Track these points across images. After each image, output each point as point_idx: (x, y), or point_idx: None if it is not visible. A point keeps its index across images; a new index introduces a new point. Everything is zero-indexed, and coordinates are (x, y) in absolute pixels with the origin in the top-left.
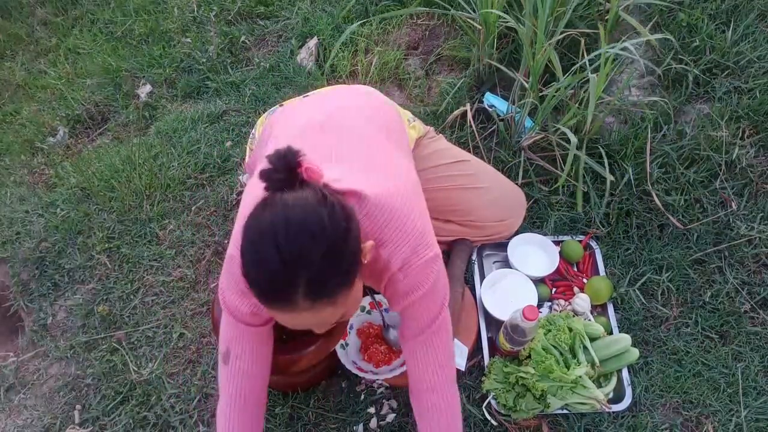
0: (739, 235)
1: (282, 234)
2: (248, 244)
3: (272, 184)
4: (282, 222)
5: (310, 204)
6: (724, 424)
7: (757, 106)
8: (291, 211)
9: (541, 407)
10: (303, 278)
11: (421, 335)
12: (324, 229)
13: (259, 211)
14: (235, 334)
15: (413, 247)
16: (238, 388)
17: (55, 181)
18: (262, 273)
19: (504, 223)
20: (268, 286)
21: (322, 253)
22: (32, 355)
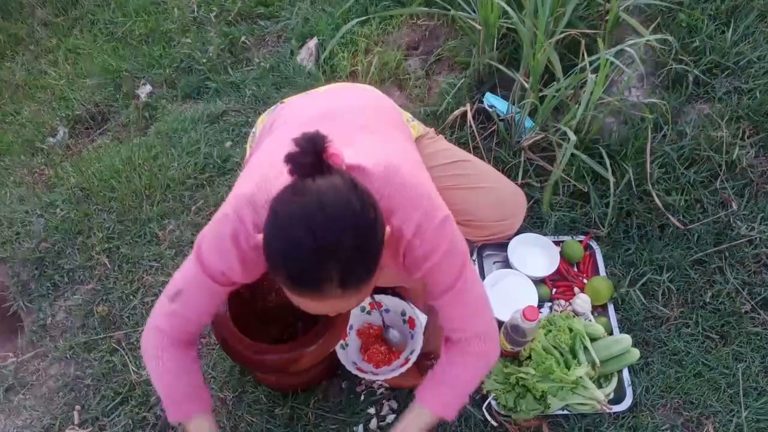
0: (740, 236)
1: (317, 222)
2: (278, 229)
3: (300, 169)
4: (317, 210)
5: (342, 192)
6: (724, 425)
7: (758, 107)
8: (325, 199)
9: (542, 408)
10: (336, 268)
11: (447, 294)
12: (357, 219)
13: (289, 197)
14: (195, 282)
15: (424, 212)
16: (174, 327)
17: (55, 181)
18: (294, 261)
19: (505, 223)
20: (299, 274)
21: (355, 244)
22: (32, 355)
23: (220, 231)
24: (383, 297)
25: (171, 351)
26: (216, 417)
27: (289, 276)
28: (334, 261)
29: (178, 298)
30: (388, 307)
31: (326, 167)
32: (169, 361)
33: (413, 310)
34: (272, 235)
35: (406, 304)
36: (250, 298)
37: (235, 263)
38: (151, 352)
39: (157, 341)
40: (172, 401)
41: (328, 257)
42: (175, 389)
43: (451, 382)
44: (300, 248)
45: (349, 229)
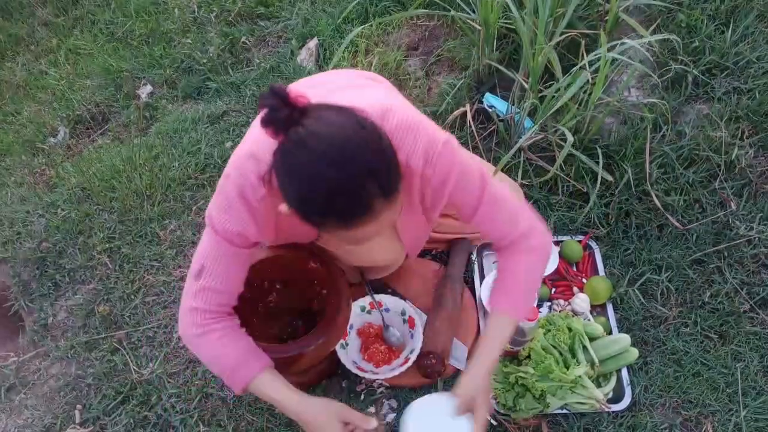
0: (739, 236)
1: (333, 154)
2: (303, 182)
3: (283, 124)
4: (325, 145)
5: (332, 118)
6: (723, 424)
7: (757, 107)
8: (323, 131)
9: (541, 407)
10: (371, 181)
11: (478, 209)
12: (360, 131)
13: (293, 150)
14: (215, 252)
15: (426, 141)
16: (208, 301)
17: (56, 181)
18: (336, 199)
19: None
20: (347, 207)
21: (373, 150)
22: (33, 355)
23: (226, 193)
24: (383, 297)
25: (212, 324)
26: (216, 416)
27: (339, 216)
28: (367, 176)
29: (203, 273)
30: (388, 307)
31: (301, 110)
32: (214, 332)
33: (413, 309)
34: (301, 191)
35: (406, 304)
36: (251, 298)
37: (247, 220)
38: (192, 333)
39: (194, 320)
40: (231, 370)
41: (361, 176)
42: (228, 358)
43: (515, 285)
44: (333, 185)
45: (361, 142)
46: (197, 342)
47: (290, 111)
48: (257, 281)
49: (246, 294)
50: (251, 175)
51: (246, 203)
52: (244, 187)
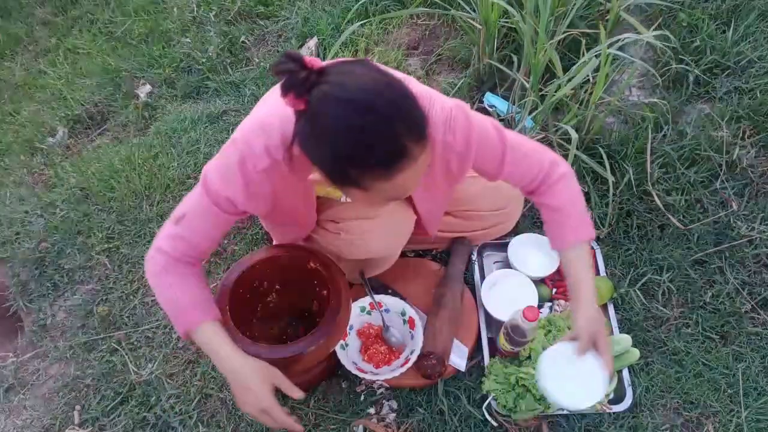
0: (740, 236)
1: (365, 102)
2: (340, 137)
3: (302, 85)
4: (355, 94)
5: (351, 68)
6: (724, 425)
7: (758, 107)
8: (348, 83)
9: (541, 408)
10: (405, 124)
11: (504, 162)
12: (385, 76)
13: (322, 109)
14: (200, 207)
15: (441, 109)
16: (176, 248)
17: (55, 181)
18: (375, 144)
19: (503, 212)
20: (386, 151)
21: (400, 95)
22: (32, 355)
23: (226, 158)
24: (383, 297)
25: (174, 267)
26: (216, 417)
27: (380, 162)
28: (400, 118)
29: (182, 221)
30: (388, 307)
31: (318, 71)
32: (172, 275)
33: (413, 310)
34: (337, 147)
35: (406, 304)
36: (251, 298)
37: (239, 189)
38: (153, 270)
39: (160, 261)
40: (180, 312)
41: (395, 119)
42: (180, 301)
43: (571, 214)
44: (371, 130)
45: (387, 87)
46: (156, 281)
47: (308, 73)
48: (257, 281)
49: (246, 294)
50: (256, 146)
51: (243, 172)
52: (246, 156)
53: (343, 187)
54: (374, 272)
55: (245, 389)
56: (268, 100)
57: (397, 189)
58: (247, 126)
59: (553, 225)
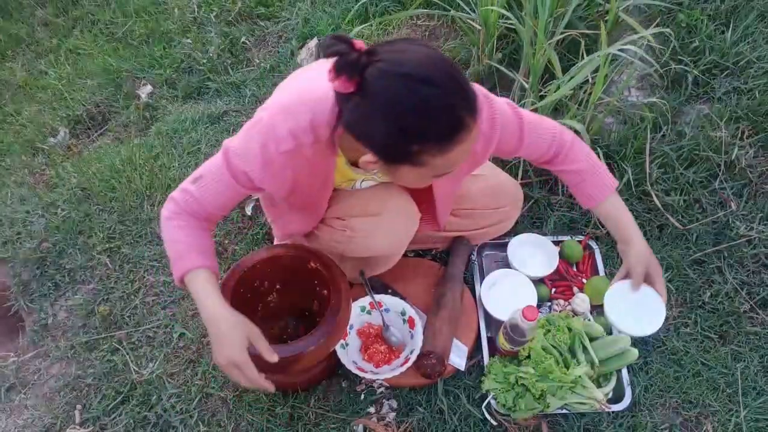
0: (739, 236)
1: (424, 74)
2: (401, 111)
3: (355, 66)
4: (413, 69)
5: (404, 47)
6: (723, 424)
7: (757, 107)
8: (407, 58)
9: (541, 407)
10: (461, 97)
11: (523, 137)
12: (435, 51)
13: (379, 87)
14: (218, 173)
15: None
16: (187, 203)
17: (56, 181)
18: (435, 116)
19: (501, 211)
20: (446, 124)
21: (453, 68)
22: (33, 355)
23: (249, 136)
24: (383, 297)
25: (183, 216)
26: (216, 416)
27: (442, 135)
28: (458, 93)
29: (198, 181)
30: (388, 307)
31: (368, 51)
32: (181, 221)
33: (413, 309)
34: (397, 122)
35: (406, 304)
36: (251, 298)
37: (258, 167)
38: (165, 214)
39: (169, 207)
40: (178, 255)
41: (454, 94)
42: (181, 243)
43: (594, 172)
44: (432, 103)
45: (441, 60)
46: (166, 224)
47: (359, 54)
48: (258, 281)
49: (247, 294)
50: (281, 129)
51: (264, 153)
52: (269, 137)
53: (394, 165)
54: (376, 271)
55: (221, 341)
56: (291, 84)
57: (449, 164)
58: (273, 108)
59: (580, 186)
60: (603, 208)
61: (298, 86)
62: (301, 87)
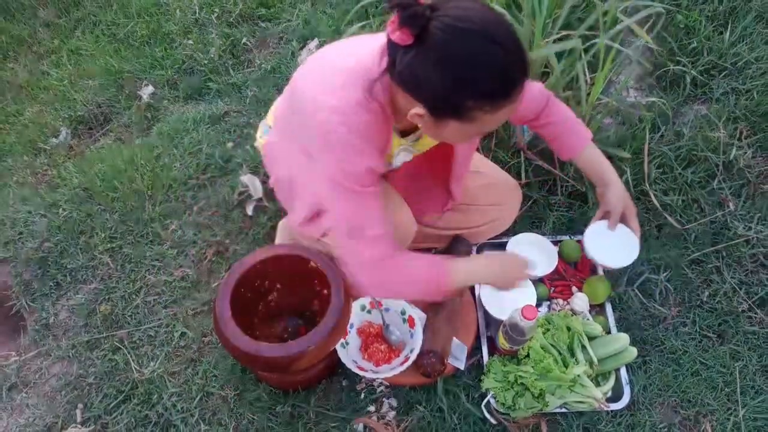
0: (737, 235)
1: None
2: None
3: (419, 19)
4: (479, 26)
5: (466, 6)
6: (722, 423)
7: (755, 107)
8: (472, 15)
9: (540, 406)
10: (519, 59)
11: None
12: (493, 10)
13: (442, 41)
14: (355, 206)
15: None
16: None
17: (58, 181)
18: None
19: (498, 208)
20: (502, 82)
21: (513, 29)
22: (34, 354)
23: (342, 143)
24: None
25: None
26: (217, 415)
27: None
28: (517, 52)
29: (359, 229)
30: (388, 306)
31: (431, 6)
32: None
33: (413, 308)
34: (457, 76)
35: (406, 303)
36: (252, 297)
37: (371, 152)
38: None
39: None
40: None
41: (515, 52)
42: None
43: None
44: (495, 60)
45: (503, 21)
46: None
47: (424, 7)
48: (259, 281)
49: (247, 293)
50: (348, 107)
51: (362, 137)
52: (347, 121)
53: (442, 119)
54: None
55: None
56: (309, 73)
57: (495, 122)
58: (327, 95)
59: (562, 138)
60: (584, 156)
61: (320, 74)
62: (329, 71)
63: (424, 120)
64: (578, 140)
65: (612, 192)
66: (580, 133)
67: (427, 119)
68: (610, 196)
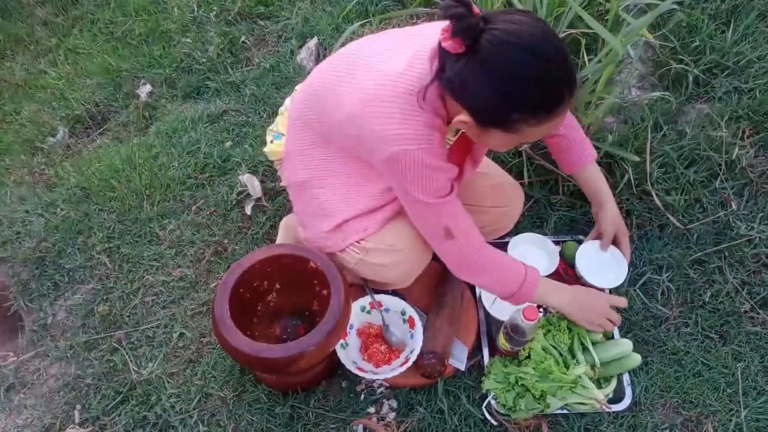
0: (739, 235)
1: (538, 48)
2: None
3: (471, 30)
4: (528, 42)
5: (519, 18)
6: (724, 424)
7: (757, 106)
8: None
9: (541, 407)
10: (568, 77)
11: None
12: (546, 26)
13: (493, 54)
14: (444, 214)
15: None
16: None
17: (55, 181)
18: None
19: (502, 210)
20: (548, 98)
21: (564, 47)
22: (32, 354)
23: (416, 164)
24: (383, 296)
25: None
26: (216, 416)
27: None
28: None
29: (450, 232)
30: (388, 307)
31: (484, 18)
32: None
33: (413, 309)
34: (505, 89)
35: (406, 304)
36: (251, 297)
37: (445, 165)
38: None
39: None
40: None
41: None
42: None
43: (577, 135)
44: (546, 80)
45: (554, 38)
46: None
47: (478, 19)
48: (258, 281)
49: (247, 294)
50: (415, 129)
51: (434, 154)
52: (420, 143)
53: (486, 127)
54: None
55: (592, 302)
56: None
57: (539, 134)
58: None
59: (567, 152)
60: (584, 174)
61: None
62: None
63: (468, 126)
64: (582, 157)
65: (605, 213)
66: (585, 150)
67: (472, 126)
68: (603, 217)
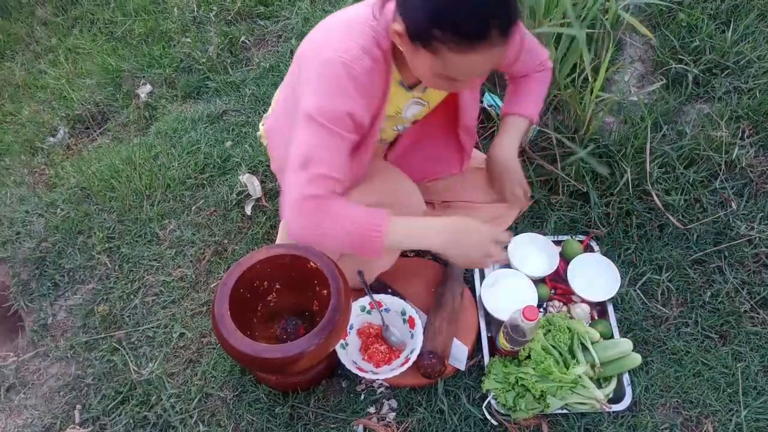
0: (739, 235)
1: None
2: None
3: None
4: None
5: None
6: (724, 424)
7: (757, 106)
8: None
9: (541, 407)
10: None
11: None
12: None
13: None
14: (319, 141)
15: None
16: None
17: (55, 181)
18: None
19: (498, 207)
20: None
21: None
22: (32, 355)
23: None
24: (383, 297)
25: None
26: (216, 416)
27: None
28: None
29: (310, 163)
30: (388, 307)
31: None
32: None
33: (413, 309)
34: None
35: (406, 304)
36: (251, 297)
37: (355, 96)
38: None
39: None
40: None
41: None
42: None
43: (530, 94)
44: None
45: None
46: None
47: None
48: (258, 281)
49: (246, 294)
50: (353, 49)
51: (353, 79)
52: (348, 61)
53: (414, 46)
54: (375, 273)
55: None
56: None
57: (462, 69)
58: (332, 41)
59: (513, 98)
60: (507, 120)
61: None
62: (340, 19)
63: (403, 42)
64: (512, 107)
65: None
66: (525, 103)
67: (406, 42)
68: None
